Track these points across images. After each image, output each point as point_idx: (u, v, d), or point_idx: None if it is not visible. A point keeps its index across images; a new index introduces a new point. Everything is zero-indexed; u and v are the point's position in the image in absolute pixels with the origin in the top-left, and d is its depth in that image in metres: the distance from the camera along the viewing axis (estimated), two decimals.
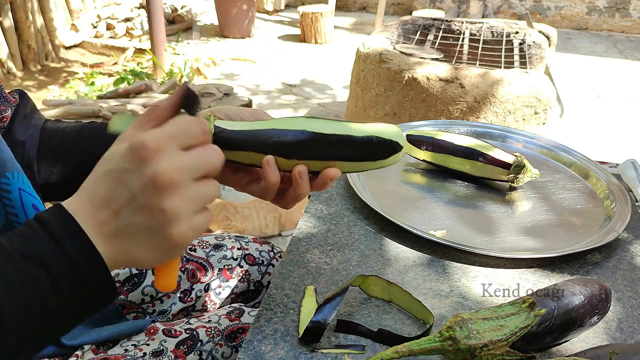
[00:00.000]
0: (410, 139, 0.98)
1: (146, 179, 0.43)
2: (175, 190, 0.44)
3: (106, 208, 0.44)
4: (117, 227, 0.44)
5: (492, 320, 0.57)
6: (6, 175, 0.58)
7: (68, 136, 0.73)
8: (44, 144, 0.72)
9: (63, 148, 0.72)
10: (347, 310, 0.66)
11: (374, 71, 2.60)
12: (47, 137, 0.73)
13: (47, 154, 0.72)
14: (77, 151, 0.72)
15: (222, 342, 0.75)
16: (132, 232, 0.44)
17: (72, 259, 0.42)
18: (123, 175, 0.44)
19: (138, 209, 0.43)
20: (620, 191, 0.91)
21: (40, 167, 0.71)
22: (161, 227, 0.44)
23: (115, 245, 0.44)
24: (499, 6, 6.12)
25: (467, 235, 0.82)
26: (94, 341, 0.71)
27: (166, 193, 0.43)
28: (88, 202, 0.45)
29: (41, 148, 0.72)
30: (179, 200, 0.44)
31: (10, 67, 3.96)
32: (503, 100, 2.36)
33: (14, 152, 0.62)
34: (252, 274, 0.93)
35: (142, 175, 0.43)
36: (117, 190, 0.44)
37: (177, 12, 5.48)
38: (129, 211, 0.44)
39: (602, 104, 3.94)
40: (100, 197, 0.44)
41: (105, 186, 0.45)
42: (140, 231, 0.44)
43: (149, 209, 0.43)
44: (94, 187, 0.45)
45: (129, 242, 0.45)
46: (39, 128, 0.73)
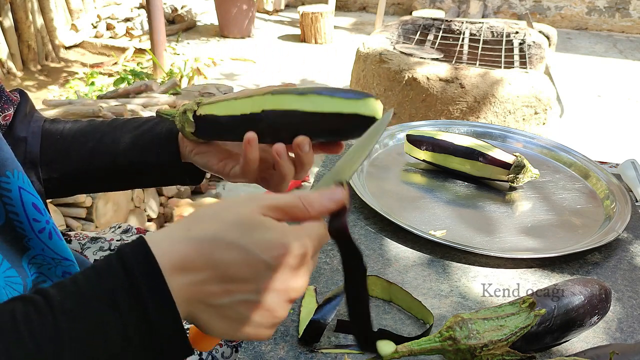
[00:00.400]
0: (410, 139, 0.98)
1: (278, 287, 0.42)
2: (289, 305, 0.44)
3: (220, 283, 0.41)
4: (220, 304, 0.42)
5: (492, 320, 0.57)
6: (6, 174, 0.58)
7: (69, 131, 0.73)
8: (46, 140, 0.73)
9: (64, 145, 0.72)
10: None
11: (374, 71, 2.60)
12: (48, 134, 0.73)
13: (49, 150, 0.72)
14: (78, 147, 0.72)
15: (222, 342, 0.75)
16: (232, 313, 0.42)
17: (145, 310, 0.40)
18: (260, 266, 0.41)
19: (253, 301, 0.42)
20: (620, 191, 0.91)
21: (42, 162, 0.72)
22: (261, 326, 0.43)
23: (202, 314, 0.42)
24: (499, 6, 6.12)
25: (467, 235, 0.82)
26: None
27: (287, 304, 0.43)
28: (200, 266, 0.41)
29: (43, 144, 0.72)
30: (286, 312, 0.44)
31: (10, 67, 3.96)
32: (503, 100, 2.36)
33: (16, 149, 0.63)
34: None
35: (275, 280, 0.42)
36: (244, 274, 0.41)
37: (177, 12, 5.48)
38: (241, 297, 0.42)
39: (602, 104, 3.94)
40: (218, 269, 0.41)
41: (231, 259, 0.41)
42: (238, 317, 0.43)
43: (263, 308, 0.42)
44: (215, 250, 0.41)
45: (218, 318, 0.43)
46: (40, 124, 0.73)
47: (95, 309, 0.39)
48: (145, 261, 0.40)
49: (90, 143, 0.72)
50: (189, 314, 0.42)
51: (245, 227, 0.42)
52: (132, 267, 0.40)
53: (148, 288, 0.39)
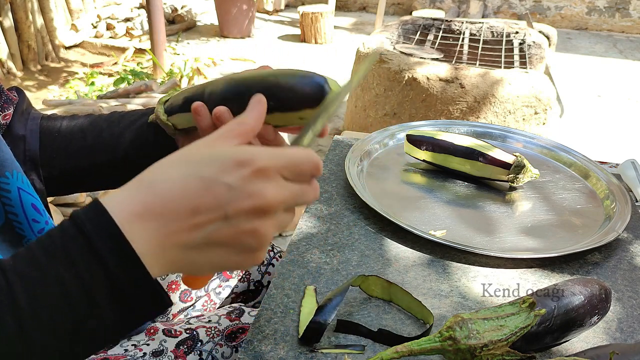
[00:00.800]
0: (410, 139, 0.98)
1: (247, 201, 0.39)
2: (271, 218, 0.41)
3: (184, 219, 0.39)
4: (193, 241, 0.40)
5: (492, 320, 0.57)
6: (5, 175, 0.58)
7: (67, 128, 0.73)
8: (44, 137, 0.72)
9: (63, 141, 0.72)
10: (347, 310, 0.66)
11: (374, 71, 2.60)
12: (46, 131, 0.73)
13: (48, 147, 0.72)
14: (76, 144, 0.72)
15: (222, 342, 0.75)
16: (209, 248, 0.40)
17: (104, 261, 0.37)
18: (220, 188, 0.39)
19: (226, 227, 0.40)
20: (620, 191, 0.91)
21: (42, 160, 0.72)
22: (246, 251, 0.41)
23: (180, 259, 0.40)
24: (499, 6, 6.12)
25: (467, 235, 0.82)
26: None
27: (264, 219, 0.40)
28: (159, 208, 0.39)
29: (42, 142, 0.72)
30: (271, 227, 0.42)
31: (10, 67, 3.96)
32: (503, 100, 2.36)
33: (15, 148, 0.63)
34: (252, 273, 0.93)
35: (243, 195, 0.39)
36: (204, 201, 0.39)
37: (177, 12, 5.48)
38: (213, 227, 0.39)
39: (602, 104, 3.94)
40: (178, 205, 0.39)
41: (189, 192, 0.39)
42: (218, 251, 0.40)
43: (240, 230, 0.40)
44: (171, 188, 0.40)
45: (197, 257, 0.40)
46: (37, 122, 0.73)
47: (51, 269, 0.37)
48: (97, 216, 0.38)
49: (88, 139, 0.71)
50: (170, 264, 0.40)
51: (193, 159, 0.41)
52: (84, 224, 0.37)
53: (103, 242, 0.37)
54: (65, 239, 0.37)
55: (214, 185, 0.39)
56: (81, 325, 0.37)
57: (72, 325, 0.37)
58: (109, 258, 0.37)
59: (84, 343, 0.38)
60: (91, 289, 0.37)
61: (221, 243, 0.40)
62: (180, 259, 0.40)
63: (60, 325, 0.36)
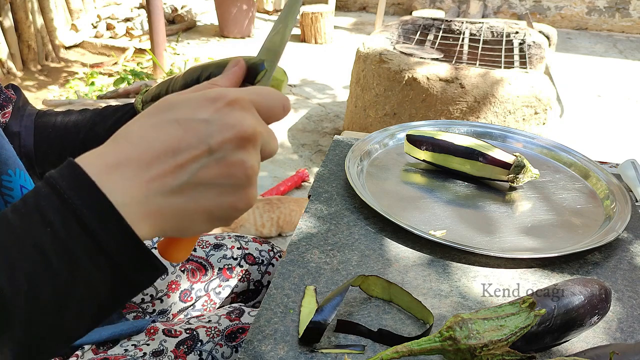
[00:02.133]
0: (410, 139, 0.98)
1: (229, 131, 0.37)
2: (255, 149, 0.39)
3: (165, 160, 0.36)
4: (180, 183, 0.36)
5: (492, 320, 0.57)
6: (8, 173, 0.58)
7: (61, 124, 0.73)
8: (39, 133, 0.72)
9: (57, 137, 0.72)
10: (347, 310, 0.66)
11: (374, 71, 2.60)
12: (41, 127, 0.73)
13: (42, 143, 0.72)
14: (71, 139, 0.72)
15: (222, 342, 0.75)
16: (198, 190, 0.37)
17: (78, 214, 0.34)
18: (196, 124, 0.37)
19: (214, 162, 0.37)
20: (620, 191, 0.91)
21: (37, 156, 0.72)
22: (239, 185, 0.38)
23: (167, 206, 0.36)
24: (499, 6, 6.12)
25: (467, 235, 0.82)
26: (94, 341, 0.71)
27: (249, 147, 0.38)
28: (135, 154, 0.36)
29: (36, 138, 0.72)
30: (256, 159, 0.39)
31: (10, 67, 3.96)
32: (503, 100, 2.36)
33: (10, 143, 0.62)
34: (252, 273, 0.93)
35: (223, 126, 0.37)
36: (184, 140, 0.36)
37: (177, 12, 5.48)
38: (199, 165, 0.36)
39: (602, 104, 3.94)
40: (157, 148, 0.36)
41: (166, 135, 0.36)
42: (209, 192, 0.37)
43: (228, 163, 0.37)
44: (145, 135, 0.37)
45: (188, 203, 0.37)
46: (32, 118, 0.73)
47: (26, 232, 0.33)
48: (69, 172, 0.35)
49: (81, 134, 0.71)
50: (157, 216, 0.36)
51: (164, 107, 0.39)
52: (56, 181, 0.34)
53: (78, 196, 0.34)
54: (38, 199, 0.34)
55: (191, 123, 0.37)
56: (66, 292, 0.34)
57: (54, 292, 0.33)
58: (85, 212, 0.33)
59: (73, 313, 0.35)
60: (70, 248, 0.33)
61: (211, 181, 0.37)
62: (168, 208, 0.36)
63: (43, 293, 0.33)
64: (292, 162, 2.91)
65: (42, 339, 0.34)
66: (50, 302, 0.34)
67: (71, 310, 0.34)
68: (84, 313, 0.35)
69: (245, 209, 0.39)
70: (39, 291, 0.33)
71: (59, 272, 0.33)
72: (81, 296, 0.34)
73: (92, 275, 0.34)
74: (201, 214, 0.37)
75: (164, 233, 0.37)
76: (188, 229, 0.38)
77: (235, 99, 0.38)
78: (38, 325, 0.34)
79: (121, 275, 0.35)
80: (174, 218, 0.37)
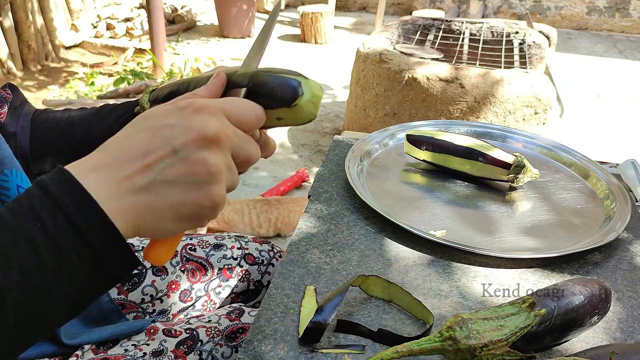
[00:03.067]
0: (410, 139, 0.98)
1: (192, 132, 0.41)
2: (220, 149, 0.42)
3: (134, 162, 0.40)
4: (147, 182, 0.40)
5: (492, 320, 0.57)
6: (5, 173, 0.58)
7: (57, 125, 0.72)
8: (35, 134, 0.72)
9: (53, 137, 0.71)
10: (347, 310, 0.66)
11: (374, 71, 2.61)
12: (38, 127, 0.72)
13: (39, 144, 0.71)
14: (67, 140, 0.71)
15: (222, 342, 0.75)
16: (164, 188, 0.40)
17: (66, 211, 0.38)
18: (163, 129, 0.41)
19: (177, 162, 0.40)
20: (620, 191, 0.91)
21: (33, 157, 0.71)
22: (202, 183, 0.41)
23: (137, 203, 0.40)
24: (499, 6, 6.12)
25: (467, 235, 0.82)
26: (94, 341, 0.71)
27: (213, 147, 0.41)
28: (110, 159, 0.41)
29: (32, 138, 0.71)
30: (222, 159, 0.42)
31: (10, 67, 3.96)
32: (503, 100, 2.36)
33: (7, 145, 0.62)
34: (252, 273, 0.93)
35: (187, 129, 0.41)
36: (152, 143, 0.41)
37: (177, 12, 5.48)
38: (164, 165, 0.40)
39: (602, 104, 3.94)
40: (128, 152, 0.41)
41: (136, 141, 0.41)
42: (175, 189, 0.41)
43: (191, 161, 0.40)
44: (119, 143, 0.41)
45: (155, 200, 0.40)
46: (29, 118, 0.72)
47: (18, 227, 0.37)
48: (58, 176, 0.39)
49: (77, 135, 0.71)
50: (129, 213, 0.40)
51: (140, 119, 0.43)
52: (47, 184, 0.39)
53: (65, 195, 0.38)
54: (31, 199, 0.38)
55: (159, 129, 0.41)
56: (53, 282, 0.37)
57: (44, 281, 0.37)
58: (72, 209, 0.38)
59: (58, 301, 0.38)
60: (58, 242, 0.37)
61: (174, 179, 0.40)
62: (138, 204, 0.40)
63: (33, 282, 0.37)
64: (292, 162, 2.91)
65: (30, 325, 0.38)
66: (39, 291, 0.37)
67: (56, 299, 0.38)
68: (66, 301, 0.39)
69: (212, 207, 0.42)
70: (30, 281, 0.36)
71: (48, 264, 0.37)
72: (65, 285, 0.38)
73: (75, 265, 0.38)
74: (168, 211, 0.41)
75: (137, 230, 0.41)
76: (159, 227, 0.42)
77: (203, 105, 0.42)
78: (28, 312, 0.37)
79: (100, 264, 0.39)
80: (144, 214, 0.41)
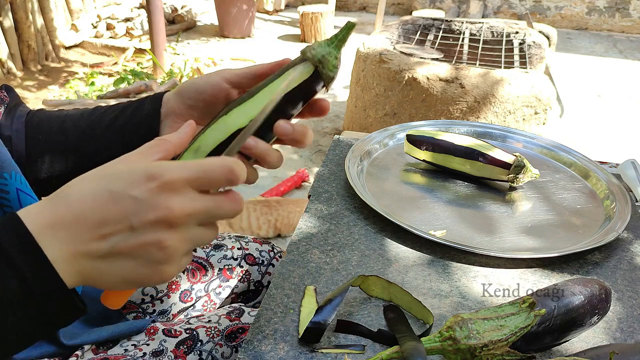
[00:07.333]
0: (410, 139, 0.98)
1: (154, 212, 0.40)
2: (179, 231, 0.42)
3: (92, 230, 0.40)
4: (102, 252, 0.41)
5: (492, 320, 0.57)
6: (4, 176, 0.58)
7: (50, 130, 0.71)
8: (29, 138, 0.71)
9: (47, 144, 0.70)
10: (347, 310, 0.66)
11: (374, 71, 2.61)
12: (31, 132, 0.71)
13: (33, 148, 0.70)
14: (60, 147, 0.70)
15: (222, 342, 0.75)
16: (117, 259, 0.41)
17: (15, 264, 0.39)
18: (127, 201, 0.41)
19: (133, 238, 0.41)
20: (620, 191, 0.91)
21: (28, 161, 0.70)
22: (153, 263, 0.42)
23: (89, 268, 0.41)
24: (499, 6, 6.12)
25: (467, 235, 0.82)
26: (94, 341, 0.71)
27: (170, 232, 0.41)
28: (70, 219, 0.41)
29: (27, 142, 0.70)
30: (179, 241, 0.42)
31: (10, 67, 3.96)
32: (503, 100, 2.36)
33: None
34: (252, 273, 0.93)
35: (149, 207, 0.40)
36: (114, 215, 0.41)
37: (177, 12, 5.48)
38: (119, 239, 0.41)
39: (602, 104, 3.94)
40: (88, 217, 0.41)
41: (98, 206, 0.41)
42: (126, 262, 0.42)
43: (146, 241, 0.41)
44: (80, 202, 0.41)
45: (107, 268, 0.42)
46: (23, 120, 0.71)
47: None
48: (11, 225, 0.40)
49: (70, 141, 0.69)
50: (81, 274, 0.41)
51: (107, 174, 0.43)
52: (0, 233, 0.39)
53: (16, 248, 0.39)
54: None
55: (121, 198, 0.41)
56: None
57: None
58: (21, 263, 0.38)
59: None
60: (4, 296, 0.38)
61: (127, 254, 0.41)
62: (90, 269, 0.41)
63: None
64: (292, 162, 2.91)
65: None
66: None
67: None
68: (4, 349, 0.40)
69: (159, 282, 0.43)
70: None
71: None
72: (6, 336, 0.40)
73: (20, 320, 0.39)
74: (118, 278, 0.42)
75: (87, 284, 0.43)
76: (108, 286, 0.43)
77: (170, 181, 0.41)
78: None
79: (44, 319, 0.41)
80: (95, 277, 0.42)
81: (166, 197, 0.41)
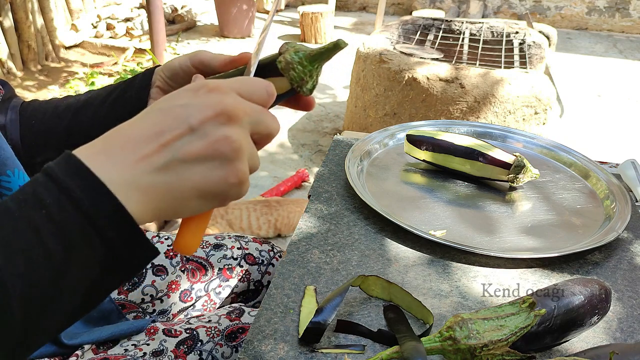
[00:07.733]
0: (410, 139, 0.98)
1: (209, 110, 0.39)
2: (239, 126, 0.40)
3: (149, 142, 0.38)
4: (166, 161, 0.38)
5: (492, 320, 0.57)
6: (7, 173, 0.58)
7: (44, 115, 0.71)
8: (24, 126, 0.71)
9: (41, 128, 0.71)
10: (347, 310, 0.66)
11: (374, 71, 2.61)
12: (25, 120, 0.72)
13: (27, 136, 0.71)
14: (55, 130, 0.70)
15: (222, 342, 0.75)
16: (185, 167, 0.38)
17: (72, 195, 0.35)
18: (176, 109, 0.39)
19: (197, 139, 0.38)
20: (620, 191, 0.91)
21: (24, 149, 0.70)
22: (226, 160, 0.39)
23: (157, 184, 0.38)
24: (499, 6, 6.12)
25: (467, 235, 0.82)
26: (94, 341, 0.71)
27: (232, 124, 0.39)
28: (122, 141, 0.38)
29: (22, 131, 0.71)
30: (244, 136, 0.40)
31: (10, 67, 3.96)
32: (503, 100, 2.36)
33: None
34: (252, 273, 0.93)
35: (202, 107, 0.39)
36: (169, 122, 0.38)
37: (177, 12, 5.48)
38: (182, 143, 0.38)
39: (602, 104, 3.94)
40: (141, 133, 0.38)
41: (148, 122, 0.39)
42: (196, 168, 0.38)
43: (212, 139, 0.38)
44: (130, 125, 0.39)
45: (176, 180, 0.38)
46: (17, 110, 0.72)
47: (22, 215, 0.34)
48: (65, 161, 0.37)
49: (64, 123, 0.70)
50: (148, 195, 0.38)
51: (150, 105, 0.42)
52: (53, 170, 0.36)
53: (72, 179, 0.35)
54: (36, 186, 0.36)
55: (171, 109, 0.39)
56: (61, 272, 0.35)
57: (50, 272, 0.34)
58: (77, 193, 0.35)
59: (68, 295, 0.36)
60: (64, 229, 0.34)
61: (196, 157, 0.38)
62: (157, 185, 0.38)
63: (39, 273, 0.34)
64: (292, 162, 2.91)
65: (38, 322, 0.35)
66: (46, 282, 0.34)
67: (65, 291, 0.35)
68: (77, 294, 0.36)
69: (238, 184, 0.40)
70: (35, 272, 0.34)
71: (54, 253, 0.34)
72: (75, 276, 0.35)
73: (86, 255, 0.35)
74: (190, 190, 0.39)
75: (158, 212, 0.39)
76: (181, 207, 0.39)
77: (215, 86, 0.41)
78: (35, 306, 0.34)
79: (113, 253, 0.36)
80: (165, 195, 0.38)
81: (216, 96, 0.40)
